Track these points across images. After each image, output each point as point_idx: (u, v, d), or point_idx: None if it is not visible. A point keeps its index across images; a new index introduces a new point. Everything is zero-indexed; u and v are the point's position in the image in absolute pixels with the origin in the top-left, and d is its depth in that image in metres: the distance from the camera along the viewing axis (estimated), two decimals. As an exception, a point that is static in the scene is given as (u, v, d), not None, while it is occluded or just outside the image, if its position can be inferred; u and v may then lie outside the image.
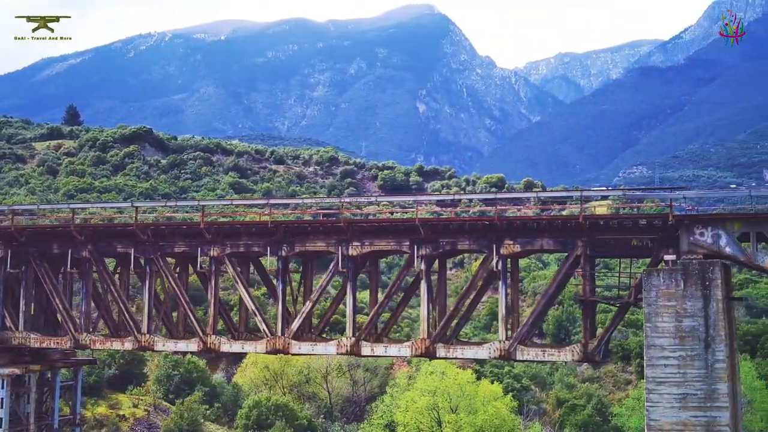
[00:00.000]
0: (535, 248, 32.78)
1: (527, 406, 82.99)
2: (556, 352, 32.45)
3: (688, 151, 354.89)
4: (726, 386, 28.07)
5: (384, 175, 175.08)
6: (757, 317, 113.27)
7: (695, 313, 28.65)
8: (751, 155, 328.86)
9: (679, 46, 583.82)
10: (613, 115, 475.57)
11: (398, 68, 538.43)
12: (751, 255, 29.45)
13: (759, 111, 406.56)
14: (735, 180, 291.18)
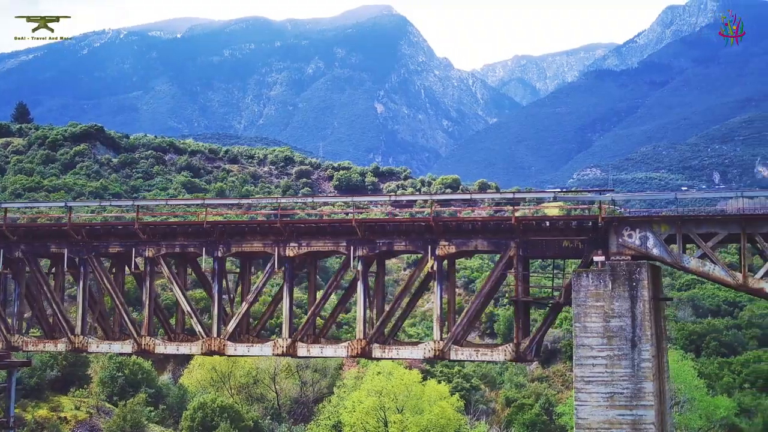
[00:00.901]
0: (469, 249, 33.10)
1: (475, 406, 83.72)
2: (489, 352, 32.81)
3: (641, 153, 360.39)
4: (651, 385, 28.64)
5: (339, 175, 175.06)
6: (703, 317, 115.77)
7: (622, 313, 29.19)
8: (702, 158, 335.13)
9: (633, 50, 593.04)
10: (568, 118, 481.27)
11: (356, 68, 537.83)
12: (677, 256, 30.09)
13: (710, 114, 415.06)
14: (686, 182, 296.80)
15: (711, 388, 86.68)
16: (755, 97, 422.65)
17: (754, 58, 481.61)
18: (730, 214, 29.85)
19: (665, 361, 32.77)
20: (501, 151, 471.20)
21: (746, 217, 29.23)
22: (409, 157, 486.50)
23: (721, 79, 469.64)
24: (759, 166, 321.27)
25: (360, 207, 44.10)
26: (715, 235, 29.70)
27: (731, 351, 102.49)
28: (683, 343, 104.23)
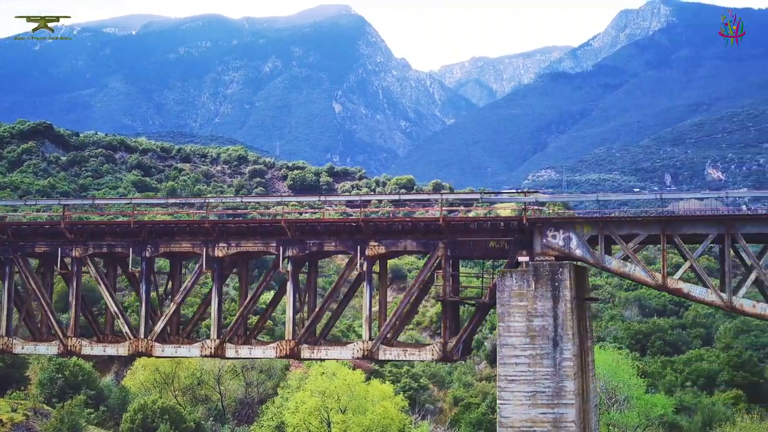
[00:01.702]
0: (399, 249, 33.28)
1: (423, 405, 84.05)
2: (417, 352, 32.99)
3: (595, 155, 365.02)
4: (573, 383, 29.06)
5: (294, 175, 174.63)
6: (649, 317, 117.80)
7: (545, 312, 29.59)
8: (654, 160, 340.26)
9: (587, 53, 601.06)
10: (524, 119, 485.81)
11: (314, 68, 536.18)
12: (599, 257, 30.60)
13: (662, 117, 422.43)
14: (638, 184, 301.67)
15: (653, 387, 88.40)
16: (705, 100, 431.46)
17: (705, 62, 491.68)
18: (650, 216, 30.46)
19: (591, 360, 33.29)
20: (458, 151, 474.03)
21: (666, 219, 29.85)
22: (367, 157, 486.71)
23: (673, 82, 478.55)
24: (709, 169, 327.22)
25: (313, 207, 43.98)
26: (636, 236, 30.28)
27: (675, 350, 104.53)
28: (629, 343, 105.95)
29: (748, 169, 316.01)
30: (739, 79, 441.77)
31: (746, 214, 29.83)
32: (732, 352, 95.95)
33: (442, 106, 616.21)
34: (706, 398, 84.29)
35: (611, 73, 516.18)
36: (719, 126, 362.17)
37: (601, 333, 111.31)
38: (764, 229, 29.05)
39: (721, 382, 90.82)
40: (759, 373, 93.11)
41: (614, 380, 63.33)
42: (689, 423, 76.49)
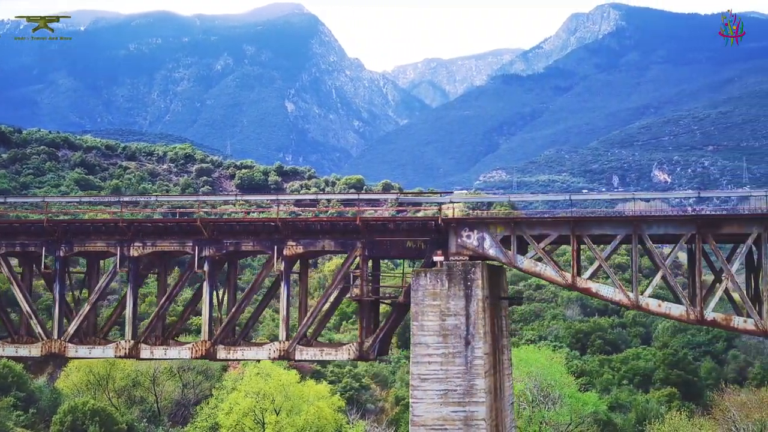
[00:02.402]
0: (317, 249, 33.30)
1: (364, 405, 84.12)
2: (333, 351, 33.04)
3: (545, 156, 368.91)
4: (483, 382, 29.40)
5: (242, 174, 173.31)
6: (591, 316, 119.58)
7: (458, 312, 29.88)
8: (602, 162, 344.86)
9: (539, 56, 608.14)
10: (476, 121, 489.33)
11: (266, 66, 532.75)
12: (511, 256, 31.01)
13: (610, 120, 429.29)
14: (587, 185, 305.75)
15: (591, 385, 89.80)
16: (653, 103, 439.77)
17: (653, 66, 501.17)
18: (560, 216, 30.98)
19: (507, 358, 33.72)
20: (411, 152, 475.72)
21: (575, 220, 30.39)
22: (320, 157, 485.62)
23: (621, 85, 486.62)
24: (655, 170, 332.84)
25: (262, 206, 43.72)
26: (547, 236, 30.76)
27: (615, 349, 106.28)
28: (569, 341, 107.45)
29: (693, 171, 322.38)
30: (685, 83, 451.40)
31: (651, 215, 30.50)
32: (667, 350, 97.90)
33: (395, 107, 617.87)
34: (641, 396, 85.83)
35: (562, 76, 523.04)
36: (666, 129, 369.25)
37: (543, 332, 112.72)
38: (669, 230, 29.77)
39: (657, 380, 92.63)
40: (693, 371, 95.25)
41: (548, 379, 64.20)
42: (624, 420, 77.76)
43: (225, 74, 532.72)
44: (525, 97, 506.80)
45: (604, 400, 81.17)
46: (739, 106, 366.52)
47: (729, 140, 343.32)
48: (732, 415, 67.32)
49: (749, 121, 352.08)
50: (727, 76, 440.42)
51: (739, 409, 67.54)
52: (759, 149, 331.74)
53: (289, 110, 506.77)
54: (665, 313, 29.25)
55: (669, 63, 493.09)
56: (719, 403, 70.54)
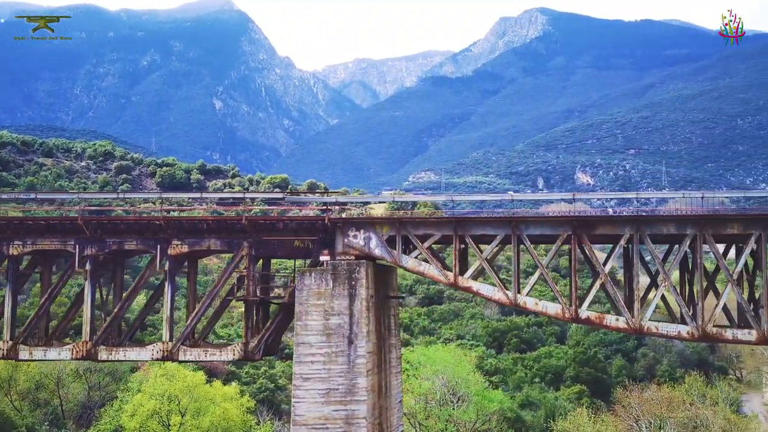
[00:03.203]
0: (203, 249, 32.94)
1: (279, 405, 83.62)
2: (218, 352, 32.75)
3: (473, 158, 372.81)
4: (366, 380, 29.57)
5: (163, 172, 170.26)
6: (508, 315, 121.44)
7: (341, 311, 29.98)
8: (528, 164, 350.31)
9: (468, 59, 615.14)
10: (406, 122, 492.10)
11: (194, 63, 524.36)
12: (396, 256, 31.28)
13: (536, 123, 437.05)
14: (513, 187, 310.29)
15: (504, 383, 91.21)
16: (577, 108, 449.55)
17: (578, 71, 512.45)
18: (443, 217, 31.42)
19: (395, 357, 33.95)
20: (340, 152, 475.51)
21: (457, 220, 30.84)
22: (249, 156, 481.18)
23: (547, 89, 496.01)
24: (579, 173, 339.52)
25: (183, 205, 42.86)
26: (431, 236, 31.15)
27: (530, 347, 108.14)
28: (486, 340, 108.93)
29: (615, 174, 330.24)
30: (608, 87, 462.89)
31: (528, 216, 31.18)
32: (578, 348, 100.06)
33: (325, 106, 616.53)
34: (551, 394, 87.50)
35: (490, 79, 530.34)
36: (589, 132, 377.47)
37: (461, 331, 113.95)
38: (546, 230, 30.46)
39: (568, 378, 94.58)
40: (603, 369, 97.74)
41: (455, 377, 64.91)
42: (533, 418, 79.08)
43: (151, 70, 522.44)
44: (454, 99, 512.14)
45: (516, 398, 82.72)
46: (659, 111, 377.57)
47: (649, 144, 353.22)
48: (634, 411, 69.40)
49: (669, 125, 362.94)
50: (648, 81, 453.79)
51: (641, 405, 69.65)
52: (678, 153, 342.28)
53: (217, 108, 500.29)
54: (542, 311, 29.93)
55: (593, 68, 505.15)
56: (622, 400, 72.55)
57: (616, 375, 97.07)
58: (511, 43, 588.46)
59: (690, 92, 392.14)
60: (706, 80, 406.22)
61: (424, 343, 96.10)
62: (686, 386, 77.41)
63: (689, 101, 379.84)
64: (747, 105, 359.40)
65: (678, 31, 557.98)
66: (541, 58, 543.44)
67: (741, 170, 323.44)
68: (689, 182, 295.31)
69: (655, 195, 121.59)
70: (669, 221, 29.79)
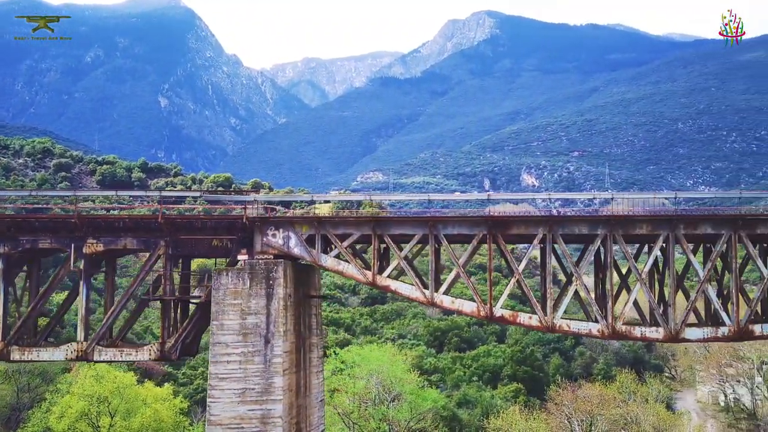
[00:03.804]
0: (119, 247, 32.48)
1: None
2: (133, 352, 32.35)
3: (420, 159, 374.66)
4: (282, 380, 29.50)
5: (103, 170, 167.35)
6: (449, 314, 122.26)
7: (258, 310, 29.87)
8: (474, 165, 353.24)
9: (416, 60, 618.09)
10: (354, 122, 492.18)
11: (140, 60, 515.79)
12: (316, 255, 31.30)
13: (483, 124, 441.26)
14: (460, 188, 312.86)
15: (443, 382, 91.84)
16: (523, 110, 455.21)
17: (524, 73, 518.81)
18: (362, 216, 31.55)
19: (316, 356, 33.94)
20: (289, 151, 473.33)
21: (376, 219, 31.00)
22: (195, 154, 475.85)
23: (494, 91, 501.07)
24: (524, 174, 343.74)
25: (124, 203, 42.06)
26: (350, 235, 31.25)
27: (471, 347, 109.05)
28: (427, 339, 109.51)
29: (560, 176, 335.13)
30: (553, 90, 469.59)
31: (446, 215, 31.51)
32: (516, 347, 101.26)
33: (273, 105, 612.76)
34: (488, 392, 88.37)
35: (438, 80, 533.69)
36: (535, 135, 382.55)
37: (402, 331, 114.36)
38: (463, 230, 30.81)
39: (505, 377, 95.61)
40: (540, 367, 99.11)
41: (390, 377, 65.12)
42: (470, 416, 79.71)
43: (95, 66, 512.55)
44: (403, 100, 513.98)
45: (453, 397, 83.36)
46: (603, 115, 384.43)
47: (593, 147, 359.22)
48: (566, 409, 70.62)
49: (612, 128, 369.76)
50: (592, 85, 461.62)
51: (573, 403, 70.91)
52: (621, 156, 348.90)
53: (163, 105, 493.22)
54: (458, 310, 30.28)
55: (539, 71, 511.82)
56: (555, 398, 73.77)
57: (553, 373, 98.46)
58: (459, 45, 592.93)
59: (633, 96, 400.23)
60: (648, 84, 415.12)
61: (365, 343, 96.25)
62: (618, 384, 79.14)
63: (632, 105, 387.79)
64: (687, 109, 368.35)
65: (622, 36, 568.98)
66: (489, 60, 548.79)
67: (681, 173, 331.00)
68: (632, 184, 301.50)
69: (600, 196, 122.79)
70: (581, 221, 30.41)
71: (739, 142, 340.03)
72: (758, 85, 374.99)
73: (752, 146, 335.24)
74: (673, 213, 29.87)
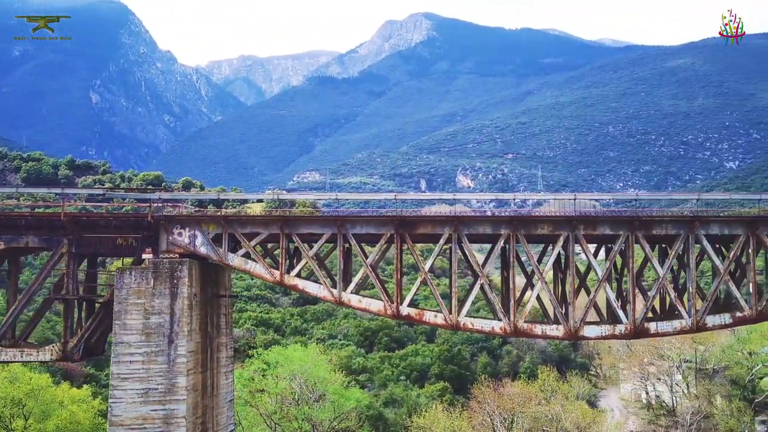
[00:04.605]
0: (21, 246, 31.74)
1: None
2: (34, 352, 31.68)
3: (358, 159, 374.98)
4: (186, 379, 29.25)
5: (28, 167, 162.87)
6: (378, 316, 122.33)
7: (162, 310, 29.54)
8: (411, 166, 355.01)
9: (354, 60, 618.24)
10: (291, 121, 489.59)
11: (70, 54, 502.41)
12: (222, 254, 31.12)
13: (420, 125, 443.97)
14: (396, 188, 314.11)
15: (371, 382, 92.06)
16: (459, 112, 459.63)
17: (460, 76, 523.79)
18: (270, 216, 31.51)
19: (225, 356, 33.71)
20: (224, 149, 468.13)
21: (284, 219, 30.98)
22: (127, 152, 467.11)
23: (431, 93, 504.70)
24: (459, 176, 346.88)
25: (48, 200, 40.74)
26: (258, 234, 31.15)
27: (401, 346, 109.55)
28: (357, 339, 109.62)
29: (494, 178, 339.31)
30: (489, 93, 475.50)
31: (353, 215, 31.69)
32: (444, 346, 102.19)
33: (208, 103, 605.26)
34: (415, 391, 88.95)
35: (375, 81, 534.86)
36: (470, 137, 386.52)
37: (333, 331, 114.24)
38: (371, 230, 31.04)
39: (432, 376, 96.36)
40: (466, 366, 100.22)
41: (312, 377, 64.98)
42: (396, 415, 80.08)
43: (24, 61, 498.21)
44: (340, 100, 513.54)
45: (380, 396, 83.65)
46: (536, 118, 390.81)
47: (526, 149, 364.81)
48: (488, 407, 71.57)
49: (545, 131, 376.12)
50: (526, 88, 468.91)
51: (495, 401, 71.90)
52: (553, 158, 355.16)
53: (94, 101, 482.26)
54: (365, 308, 30.48)
55: (475, 74, 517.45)
56: (478, 396, 74.68)
57: (480, 372, 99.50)
58: (396, 46, 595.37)
59: (565, 100, 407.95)
60: (580, 89, 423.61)
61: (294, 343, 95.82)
62: (540, 382, 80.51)
63: (564, 108, 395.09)
64: (617, 113, 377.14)
65: (555, 41, 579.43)
66: (426, 62, 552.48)
67: (611, 175, 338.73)
68: (563, 186, 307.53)
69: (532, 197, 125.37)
70: (485, 222, 30.93)
71: (667, 146, 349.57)
72: (685, 91, 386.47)
73: (679, 150, 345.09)
74: (572, 214, 30.62)
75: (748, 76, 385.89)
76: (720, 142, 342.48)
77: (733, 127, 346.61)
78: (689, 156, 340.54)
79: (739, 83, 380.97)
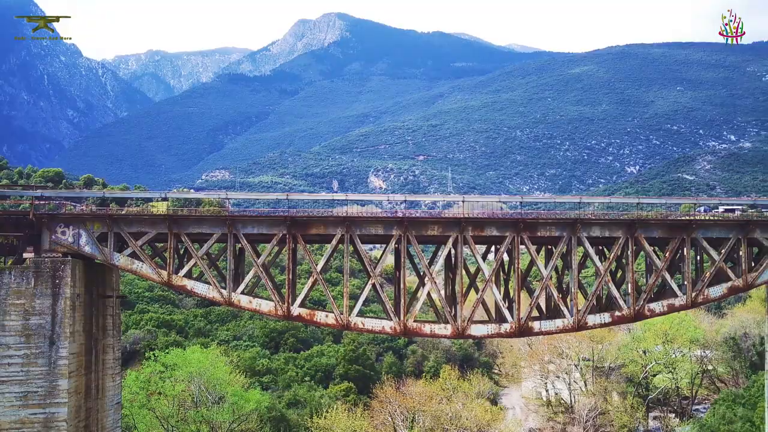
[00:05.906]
0: None
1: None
2: None
3: (269, 158, 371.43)
4: (67, 382, 28.46)
5: None
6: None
7: (43, 310, 28.67)
8: (323, 166, 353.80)
9: (266, 58, 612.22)
10: (201, 118, 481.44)
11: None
12: (108, 254, 30.41)
13: (333, 126, 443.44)
14: (308, 188, 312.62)
15: (275, 383, 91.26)
16: (372, 113, 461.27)
17: (373, 77, 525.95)
18: (158, 214, 30.97)
19: (111, 357, 32.93)
20: (130, 146, 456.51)
21: (174, 218, 30.51)
22: (28, 147, 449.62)
23: (344, 94, 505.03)
24: (371, 176, 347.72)
25: None
26: (145, 233, 30.57)
27: (307, 347, 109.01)
28: (263, 341, 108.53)
29: (405, 179, 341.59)
30: (401, 95, 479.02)
31: (245, 215, 31.50)
32: (350, 346, 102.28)
33: (115, 98, 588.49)
34: (319, 391, 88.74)
35: (288, 80, 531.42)
36: (382, 138, 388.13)
37: (238, 332, 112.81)
38: (263, 230, 30.91)
39: (337, 376, 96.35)
40: (371, 366, 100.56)
41: (211, 379, 64.05)
42: (300, 415, 79.69)
43: None
44: (251, 98, 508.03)
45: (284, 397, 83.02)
46: (447, 121, 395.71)
47: (437, 151, 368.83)
48: (389, 406, 72.13)
49: (455, 134, 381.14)
50: (437, 91, 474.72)
51: (396, 400, 72.53)
52: (463, 161, 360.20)
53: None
54: (256, 309, 30.29)
55: (387, 76, 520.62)
56: (379, 395, 75.16)
57: (385, 372, 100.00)
58: (309, 45, 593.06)
59: (475, 104, 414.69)
60: (489, 93, 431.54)
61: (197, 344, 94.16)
62: (441, 381, 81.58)
63: (474, 112, 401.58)
64: (525, 118, 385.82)
65: (466, 45, 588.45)
66: (339, 62, 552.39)
67: (518, 178, 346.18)
68: (472, 188, 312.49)
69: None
70: (377, 222, 31.22)
71: (572, 150, 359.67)
72: (589, 97, 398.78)
73: (584, 155, 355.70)
74: (461, 216, 31.21)
75: (649, 84, 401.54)
76: (622, 147, 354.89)
77: (634, 132, 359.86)
78: (593, 161, 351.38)
79: (640, 90, 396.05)
